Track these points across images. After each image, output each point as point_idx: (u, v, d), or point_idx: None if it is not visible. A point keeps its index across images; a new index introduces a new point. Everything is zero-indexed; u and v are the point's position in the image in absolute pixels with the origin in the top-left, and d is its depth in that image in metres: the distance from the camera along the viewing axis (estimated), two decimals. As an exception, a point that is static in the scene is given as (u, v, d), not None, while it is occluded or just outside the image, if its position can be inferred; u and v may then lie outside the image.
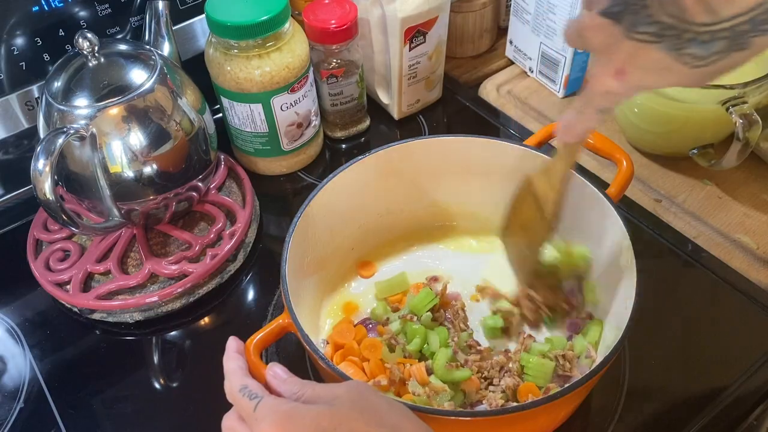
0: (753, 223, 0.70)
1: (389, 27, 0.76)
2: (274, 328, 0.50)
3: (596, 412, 0.57)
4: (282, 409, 0.38)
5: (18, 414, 0.60)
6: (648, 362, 0.60)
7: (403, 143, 0.63)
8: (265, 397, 0.40)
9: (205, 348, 0.64)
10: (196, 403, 0.60)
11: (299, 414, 0.37)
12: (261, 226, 0.74)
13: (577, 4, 0.76)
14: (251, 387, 0.41)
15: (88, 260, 0.69)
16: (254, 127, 0.74)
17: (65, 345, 0.66)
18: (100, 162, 0.61)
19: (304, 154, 0.80)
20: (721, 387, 0.58)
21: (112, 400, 0.61)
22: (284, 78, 0.70)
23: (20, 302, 0.69)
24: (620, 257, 0.54)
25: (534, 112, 0.85)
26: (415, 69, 0.80)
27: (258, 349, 0.48)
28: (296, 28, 0.72)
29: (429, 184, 0.67)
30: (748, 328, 0.62)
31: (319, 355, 0.48)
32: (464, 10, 0.89)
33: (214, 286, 0.68)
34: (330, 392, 0.39)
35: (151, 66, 0.63)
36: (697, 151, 0.73)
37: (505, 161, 0.63)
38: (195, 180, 0.68)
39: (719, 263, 0.67)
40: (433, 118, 0.86)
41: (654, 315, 0.61)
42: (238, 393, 0.41)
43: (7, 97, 0.69)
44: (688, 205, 0.73)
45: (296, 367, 0.46)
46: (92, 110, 0.60)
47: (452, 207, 0.69)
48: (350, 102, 0.80)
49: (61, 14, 0.68)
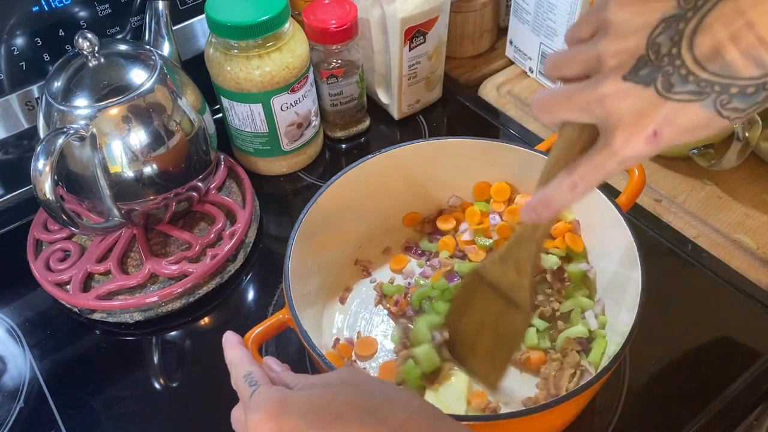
0: (753, 223, 0.70)
1: (389, 27, 0.76)
2: (274, 322, 0.50)
3: (597, 412, 0.57)
4: (275, 397, 0.38)
5: (18, 414, 0.60)
6: (648, 362, 0.60)
7: (410, 144, 0.63)
8: (262, 385, 0.40)
9: (205, 348, 0.64)
10: (196, 403, 0.60)
11: (291, 400, 0.37)
12: (261, 226, 0.74)
13: (577, 5, 0.76)
14: (254, 374, 0.41)
15: (88, 260, 0.69)
16: (254, 127, 0.74)
17: (65, 345, 0.66)
18: (100, 162, 0.61)
19: (304, 154, 0.80)
20: (721, 387, 0.58)
21: (112, 400, 0.61)
22: (284, 78, 0.70)
23: (20, 302, 0.69)
24: (625, 265, 0.54)
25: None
26: (415, 69, 0.80)
27: (257, 343, 0.49)
28: (296, 28, 0.72)
29: (434, 185, 0.67)
30: (748, 328, 0.62)
31: (317, 353, 0.48)
32: (464, 10, 0.89)
33: (214, 286, 0.68)
34: (322, 378, 0.40)
35: (151, 66, 0.63)
36: (697, 151, 0.73)
37: (511, 164, 0.63)
38: (195, 180, 0.68)
39: (719, 263, 0.67)
40: (433, 119, 0.86)
41: (654, 315, 0.61)
42: (241, 379, 0.41)
43: (7, 97, 0.69)
44: (688, 205, 0.73)
45: (296, 367, 0.46)
46: (92, 110, 0.60)
47: (458, 209, 0.69)
48: (350, 102, 0.80)
49: (61, 14, 0.68)
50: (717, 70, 0.32)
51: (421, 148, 0.64)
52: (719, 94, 0.33)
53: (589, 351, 0.57)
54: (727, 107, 0.33)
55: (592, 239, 0.61)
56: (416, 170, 0.65)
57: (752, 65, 0.32)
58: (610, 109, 0.36)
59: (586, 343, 0.58)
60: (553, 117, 0.40)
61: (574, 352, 0.56)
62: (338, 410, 0.35)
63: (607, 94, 0.36)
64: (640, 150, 0.36)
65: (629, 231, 0.54)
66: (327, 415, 0.35)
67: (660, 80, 0.34)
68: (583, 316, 0.59)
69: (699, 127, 0.35)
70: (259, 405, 0.38)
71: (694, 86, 0.33)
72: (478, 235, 0.64)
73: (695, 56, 0.33)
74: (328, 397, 0.37)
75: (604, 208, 0.57)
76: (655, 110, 0.35)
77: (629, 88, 0.35)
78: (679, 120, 0.34)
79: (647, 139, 0.36)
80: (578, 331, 0.58)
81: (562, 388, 0.54)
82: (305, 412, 0.36)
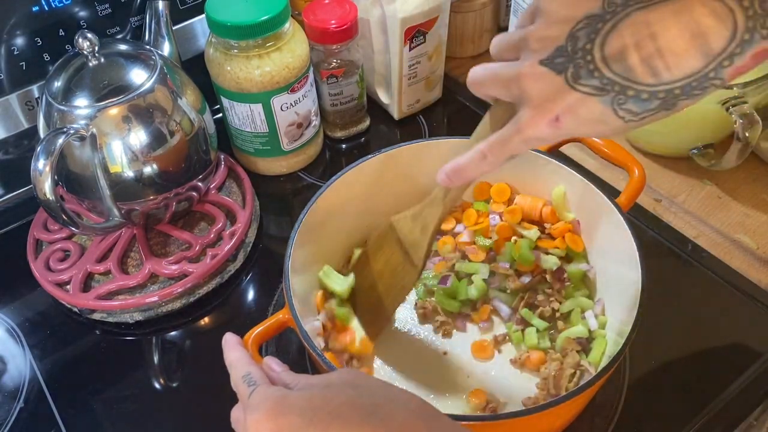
0: (753, 223, 0.71)
1: (389, 27, 0.76)
2: (274, 323, 0.50)
3: (597, 412, 0.57)
4: (274, 396, 0.38)
5: (18, 414, 0.60)
6: (648, 362, 0.60)
7: (410, 144, 0.63)
8: (261, 385, 0.40)
9: (205, 348, 0.64)
10: (196, 403, 0.60)
11: (290, 399, 0.37)
12: (261, 226, 0.74)
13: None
14: (253, 374, 0.41)
15: (88, 260, 0.69)
16: (254, 127, 0.74)
17: (65, 345, 0.66)
18: (100, 162, 0.61)
19: (304, 154, 0.80)
20: (721, 387, 0.58)
21: (112, 400, 0.61)
22: (284, 78, 0.70)
23: (20, 302, 0.69)
24: (625, 265, 0.54)
25: (534, 112, 0.85)
26: (415, 69, 0.80)
27: (257, 343, 0.49)
28: (296, 28, 0.72)
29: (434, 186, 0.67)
30: (748, 328, 0.62)
31: (317, 353, 0.48)
32: (464, 10, 0.89)
33: (214, 286, 0.68)
34: (323, 379, 0.40)
35: (151, 66, 0.63)
36: (697, 151, 0.73)
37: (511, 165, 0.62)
38: (195, 180, 0.68)
39: (719, 263, 0.67)
40: (433, 118, 0.86)
41: (654, 315, 0.61)
42: (240, 380, 0.41)
43: (7, 97, 0.69)
44: (688, 205, 0.73)
45: (296, 367, 0.46)
46: (92, 110, 0.60)
47: (457, 209, 0.69)
48: (350, 102, 0.80)
49: (61, 14, 0.68)
50: (619, 71, 0.35)
51: (421, 148, 0.64)
52: (617, 94, 0.36)
53: (589, 351, 0.57)
54: (623, 107, 0.36)
55: (592, 239, 0.61)
56: (416, 170, 0.65)
57: (649, 73, 0.35)
58: (523, 89, 0.39)
59: (586, 343, 0.58)
60: (482, 91, 0.43)
61: (574, 352, 0.56)
62: (337, 410, 0.35)
63: (523, 74, 0.39)
64: (543, 131, 0.39)
65: (629, 231, 0.54)
66: (326, 414, 0.35)
67: (570, 70, 0.37)
68: (583, 316, 0.59)
69: (596, 121, 0.37)
70: (257, 404, 0.38)
71: (598, 81, 0.36)
72: (478, 235, 0.64)
73: (604, 55, 0.35)
74: (327, 396, 0.37)
75: (604, 208, 0.57)
76: (561, 97, 0.37)
77: (543, 73, 0.38)
78: (580, 111, 0.37)
79: (549, 122, 0.38)
80: (578, 331, 0.58)
81: (562, 388, 0.54)
82: (304, 411, 0.36)
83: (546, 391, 0.55)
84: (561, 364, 0.56)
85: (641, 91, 0.35)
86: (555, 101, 0.38)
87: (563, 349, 0.57)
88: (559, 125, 0.38)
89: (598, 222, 0.59)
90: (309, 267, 0.59)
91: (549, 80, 0.37)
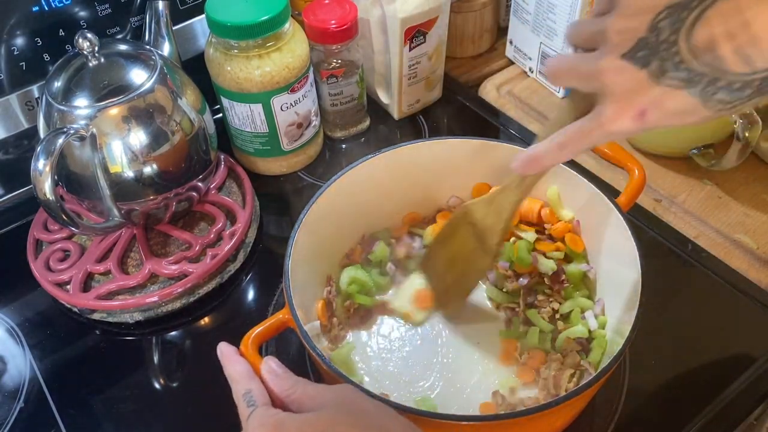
0: (753, 223, 0.70)
1: (389, 27, 0.76)
2: (274, 322, 0.50)
3: (597, 412, 0.57)
4: (271, 421, 0.39)
5: (18, 414, 0.60)
6: (648, 362, 0.60)
7: (410, 144, 0.63)
8: (259, 407, 0.40)
9: (205, 348, 0.64)
10: (196, 403, 0.60)
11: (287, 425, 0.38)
12: (261, 226, 0.74)
13: (577, 5, 0.76)
14: (254, 392, 0.42)
15: (88, 260, 0.69)
16: (254, 127, 0.74)
17: (65, 345, 0.66)
18: (100, 162, 0.61)
19: (304, 154, 0.80)
20: (721, 387, 0.58)
21: (112, 400, 0.61)
22: (284, 78, 0.70)
23: (20, 302, 0.69)
24: (625, 265, 0.54)
25: (534, 113, 0.85)
26: (415, 69, 0.80)
27: (257, 343, 0.49)
28: (296, 28, 0.72)
29: (434, 185, 0.67)
30: (748, 328, 0.62)
31: (317, 353, 0.48)
32: (464, 10, 0.89)
33: (214, 286, 0.68)
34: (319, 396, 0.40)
35: (151, 66, 0.63)
36: (697, 151, 0.73)
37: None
38: (195, 180, 0.68)
39: (719, 263, 0.67)
40: (433, 118, 0.86)
41: (654, 315, 0.61)
42: (241, 397, 0.42)
43: (7, 97, 0.69)
44: (688, 205, 0.73)
45: (297, 368, 0.46)
46: (92, 110, 0.60)
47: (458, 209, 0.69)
48: (350, 102, 0.80)
49: (61, 14, 0.68)
50: (709, 62, 0.33)
51: (421, 148, 0.64)
52: (707, 85, 0.34)
53: (589, 351, 0.57)
54: (713, 98, 0.34)
55: (592, 239, 0.61)
56: (416, 170, 0.65)
57: (741, 62, 0.33)
58: (605, 83, 0.37)
59: (586, 343, 0.58)
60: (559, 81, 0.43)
61: (574, 353, 0.56)
62: None
63: (605, 69, 0.37)
64: (627, 126, 0.38)
65: (629, 231, 0.54)
66: None
67: (654, 64, 0.35)
68: (583, 316, 0.59)
69: (684, 113, 0.36)
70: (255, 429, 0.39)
71: (685, 74, 0.34)
72: None
73: (690, 46, 0.34)
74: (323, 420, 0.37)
75: (604, 208, 0.57)
76: (645, 92, 0.36)
77: (625, 67, 0.36)
78: (667, 104, 0.36)
79: (634, 117, 0.37)
80: (578, 331, 0.58)
81: (562, 388, 0.54)
82: None
83: (546, 391, 0.55)
84: (561, 364, 0.56)
85: (734, 81, 0.33)
86: (639, 96, 0.36)
87: (563, 349, 0.57)
88: (644, 119, 0.37)
89: (598, 222, 0.59)
90: (309, 267, 0.59)
91: (632, 74, 0.36)
